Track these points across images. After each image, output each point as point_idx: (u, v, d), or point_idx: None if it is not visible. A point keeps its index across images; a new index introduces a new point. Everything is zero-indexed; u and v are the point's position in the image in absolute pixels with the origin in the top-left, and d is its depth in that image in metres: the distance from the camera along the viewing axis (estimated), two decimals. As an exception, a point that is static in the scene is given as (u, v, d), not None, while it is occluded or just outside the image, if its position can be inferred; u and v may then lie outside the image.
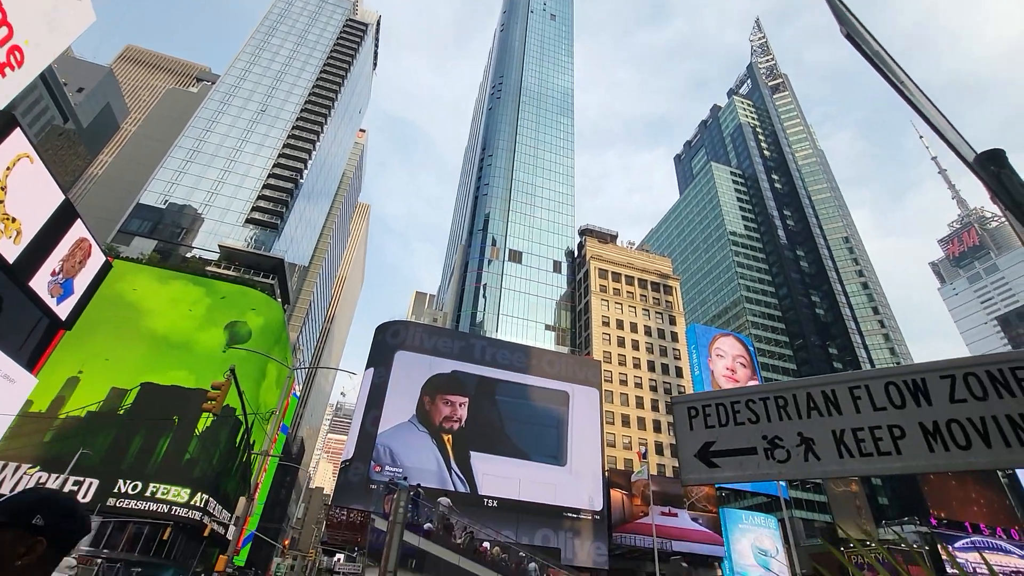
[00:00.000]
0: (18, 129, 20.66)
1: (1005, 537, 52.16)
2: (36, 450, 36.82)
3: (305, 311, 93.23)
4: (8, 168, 20.34)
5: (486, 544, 23.75)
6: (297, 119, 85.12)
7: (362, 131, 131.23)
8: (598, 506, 43.47)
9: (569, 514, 42.24)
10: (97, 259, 28.40)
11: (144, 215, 67.44)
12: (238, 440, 44.74)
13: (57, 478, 34.40)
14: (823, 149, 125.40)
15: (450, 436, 42.40)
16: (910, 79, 1.97)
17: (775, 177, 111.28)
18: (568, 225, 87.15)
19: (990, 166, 1.75)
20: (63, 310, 26.15)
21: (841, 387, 1.75)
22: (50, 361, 37.35)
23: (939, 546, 42.52)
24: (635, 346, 65.37)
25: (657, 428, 59.07)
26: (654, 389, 62.00)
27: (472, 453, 42.24)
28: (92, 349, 41.34)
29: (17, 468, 35.78)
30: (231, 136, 78.93)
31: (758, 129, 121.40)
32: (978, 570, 44.01)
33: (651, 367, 64.08)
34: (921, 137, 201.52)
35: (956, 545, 48.25)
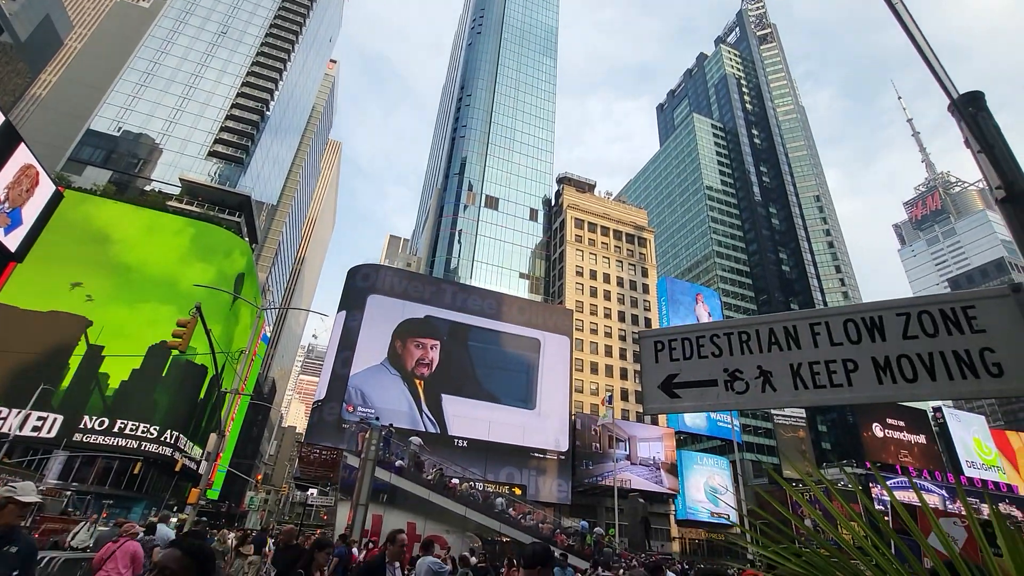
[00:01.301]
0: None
1: (929, 478, 57.47)
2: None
3: (274, 251, 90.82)
4: (-64, 82, 18.53)
5: (455, 480, 24.79)
6: (262, 44, 79.33)
7: (333, 62, 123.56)
8: (564, 447, 45.63)
9: (536, 454, 44.27)
10: (47, 188, 26.70)
11: (96, 143, 63.13)
12: (207, 379, 44.56)
13: (18, 413, 33.80)
14: (804, 106, 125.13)
15: (421, 380, 43.16)
16: (907, 11, 1.92)
17: (755, 132, 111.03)
18: (546, 172, 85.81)
19: (969, 107, 1.75)
20: (12, 241, 24.76)
21: (802, 323, 1.80)
22: (29, 293, 35.76)
23: (872, 484, 46.65)
24: (607, 296, 66.59)
25: (624, 376, 61.37)
26: (623, 339, 63.87)
27: (443, 396, 43.26)
28: (61, 280, 39.69)
29: (-25, 402, 34.98)
30: (189, 60, 73.28)
31: (742, 81, 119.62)
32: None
33: (621, 317, 65.68)
34: (900, 98, 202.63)
35: (889, 483, 52.97)
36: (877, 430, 59.45)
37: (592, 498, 48.37)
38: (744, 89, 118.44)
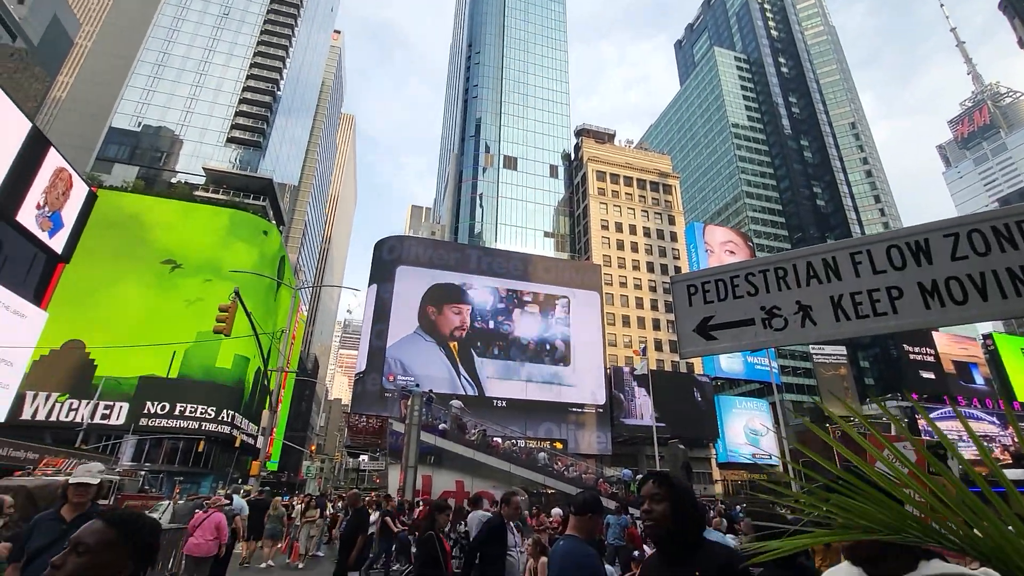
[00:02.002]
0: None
1: (980, 407, 56.01)
2: (64, 379, 38.50)
3: (301, 232, 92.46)
4: (-36, 95, 19.07)
5: (497, 439, 25.58)
6: (264, 22, 78.26)
7: (336, 32, 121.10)
8: (601, 400, 46.31)
9: (574, 409, 45.13)
10: (80, 189, 27.67)
11: (119, 140, 64.52)
12: (256, 359, 46.61)
13: (87, 404, 36.34)
14: (835, 26, 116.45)
15: (456, 344, 44.05)
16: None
17: (782, 60, 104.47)
18: (564, 126, 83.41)
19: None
20: (57, 243, 25.98)
21: (842, 253, 1.74)
22: (78, 292, 37.66)
23: (918, 418, 45.81)
24: (634, 248, 65.61)
25: (656, 326, 61.09)
26: (653, 290, 63.23)
27: (479, 359, 44.17)
28: (103, 277, 41.64)
29: (48, 397, 37.73)
30: (196, 45, 73.09)
31: (766, 5, 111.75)
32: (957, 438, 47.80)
33: (651, 268, 64.83)
34: (942, 4, 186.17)
35: (933, 416, 51.95)
36: (920, 363, 57.94)
37: (632, 447, 49.30)
38: (768, 14, 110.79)
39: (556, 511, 11.17)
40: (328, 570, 11.39)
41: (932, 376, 57.19)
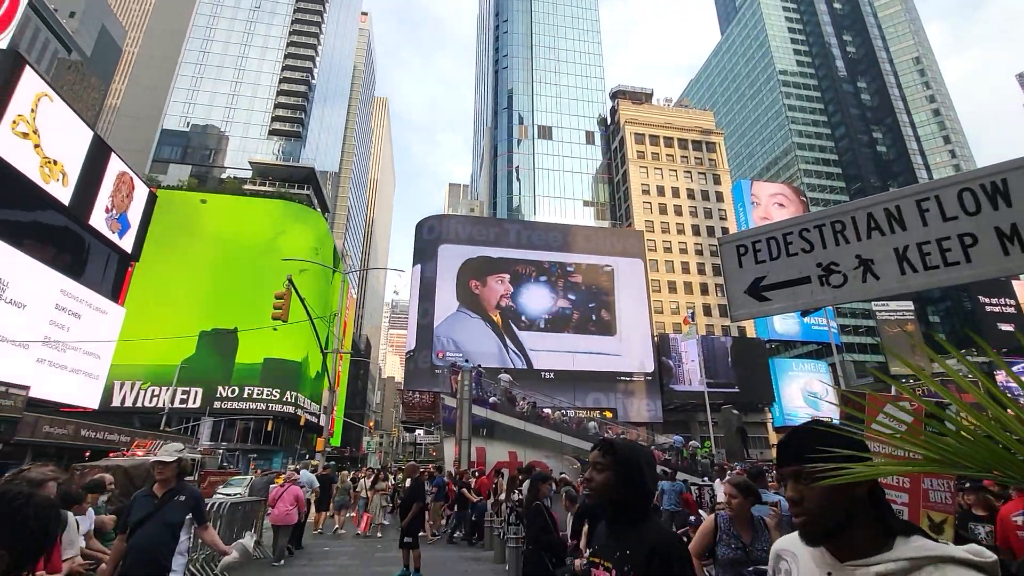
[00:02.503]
0: (28, 67, 20.38)
1: (1069, 358, 51.61)
2: (144, 370, 41.78)
3: (345, 217, 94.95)
4: (32, 110, 20.48)
5: (547, 410, 25.92)
6: (294, 11, 79.16)
7: (364, 15, 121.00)
8: (650, 368, 45.87)
9: (622, 378, 44.95)
10: (141, 191, 29.35)
11: (171, 141, 67.75)
12: (313, 342, 48.92)
13: (168, 389, 39.39)
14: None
15: (500, 317, 44.50)
16: None
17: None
18: (598, 90, 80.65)
19: None
20: (127, 243, 27.81)
21: (907, 201, 1.61)
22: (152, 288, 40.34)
23: (996, 372, 42.74)
24: (678, 211, 63.48)
25: (704, 291, 59.40)
26: (700, 253, 61.26)
27: (525, 332, 44.51)
28: (164, 276, 44.50)
29: (133, 384, 41.14)
30: (232, 42, 75.02)
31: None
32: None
33: (696, 231, 62.68)
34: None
35: (1014, 369, 48.36)
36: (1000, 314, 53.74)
37: (684, 414, 48.78)
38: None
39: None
40: (395, 536, 12.07)
41: (1012, 328, 53.03)
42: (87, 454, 19.55)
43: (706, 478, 18.23)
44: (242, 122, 70.63)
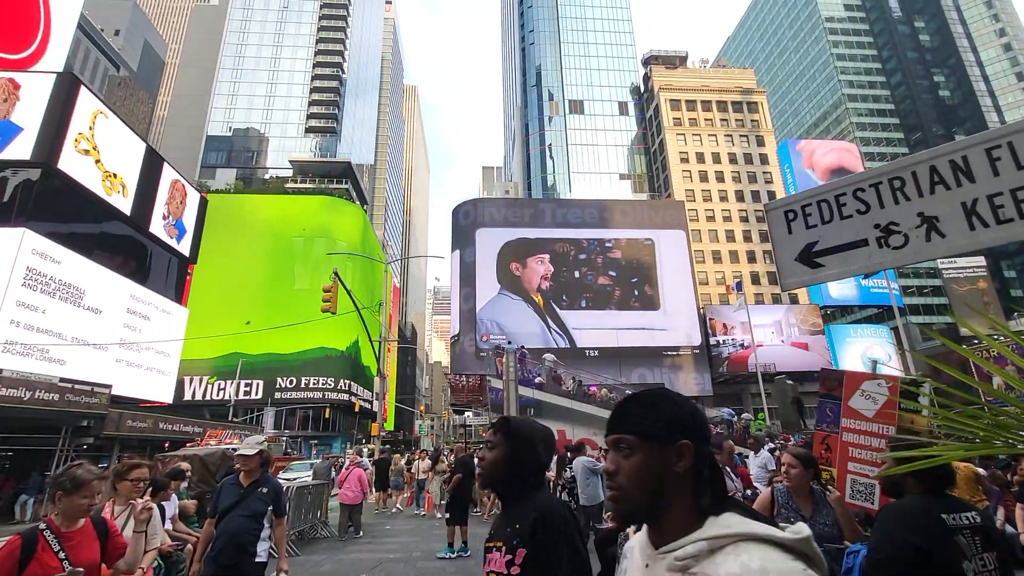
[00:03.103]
0: (83, 88, 21.61)
1: None
2: (210, 365, 44.44)
3: (383, 207, 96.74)
4: (90, 128, 21.77)
5: (593, 387, 25.89)
6: (321, 7, 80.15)
7: (388, 3, 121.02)
8: (696, 341, 44.87)
9: (668, 352, 44.22)
10: (193, 197, 30.85)
11: (216, 146, 70.66)
12: (361, 334, 50.61)
13: (231, 383, 41.85)
14: None
15: (540, 298, 44.50)
16: None
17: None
18: (629, 58, 77.89)
19: None
20: (184, 247, 29.41)
21: (975, 150, 1.48)
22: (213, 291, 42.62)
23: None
24: (720, 178, 61.00)
25: (752, 259, 57.22)
26: (745, 220, 58.86)
27: (566, 311, 44.38)
28: (235, 274, 46.92)
29: (201, 379, 43.92)
30: (265, 44, 76.92)
31: None
32: None
33: (740, 197, 60.16)
34: None
35: (1105, 325, 44.29)
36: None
37: (734, 386, 47.63)
38: None
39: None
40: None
41: (1102, 279, 48.51)
42: (166, 445, 21.14)
43: (763, 449, 17.77)
44: (280, 122, 72.73)
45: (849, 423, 2.91)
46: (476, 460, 10.16)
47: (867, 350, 50.03)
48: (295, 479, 13.41)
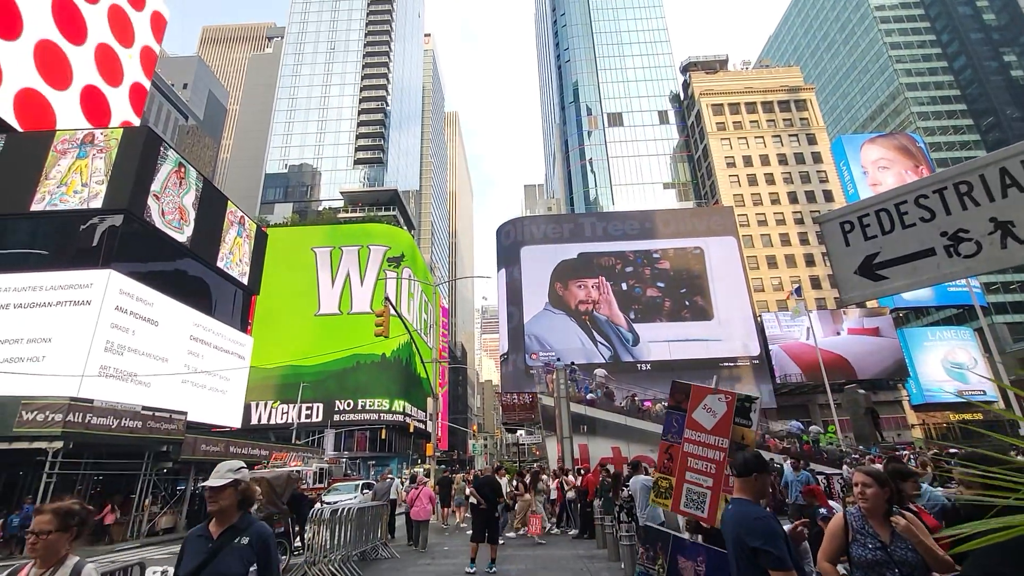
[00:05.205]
0: (161, 144, 23.56)
1: None
2: (273, 391, 46.59)
3: (430, 231, 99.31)
4: (165, 178, 23.61)
5: (648, 403, 25.18)
6: (364, 45, 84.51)
7: (427, 36, 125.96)
8: (754, 351, 42.91)
9: (725, 363, 42.49)
10: (253, 232, 32.74)
11: (274, 183, 75.21)
12: (413, 356, 51.73)
13: (293, 407, 43.64)
14: None
15: (587, 316, 44.00)
16: None
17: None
18: (667, 66, 77.13)
19: None
20: (247, 279, 31.18)
21: (1050, 149, 1.39)
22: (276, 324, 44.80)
23: None
24: (770, 180, 58.75)
25: (810, 262, 54.40)
26: (799, 222, 56.21)
27: (615, 325, 43.62)
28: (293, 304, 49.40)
29: (266, 404, 46.06)
30: (315, 84, 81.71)
31: None
32: None
33: (793, 198, 57.60)
34: None
35: None
36: None
37: (801, 397, 45.04)
38: None
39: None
40: (557, 540, 12.51)
41: None
42: (236, 468, 22.17)
43: (845, 466, 16.73)
44: (331, 156, 76.66)
45: (690, 434, 2.99)
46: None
47: (948, 354, 46.19)
48: (334, 503, 13.74)
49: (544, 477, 16.44)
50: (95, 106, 28.43)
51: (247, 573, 2.49)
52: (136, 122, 31.09)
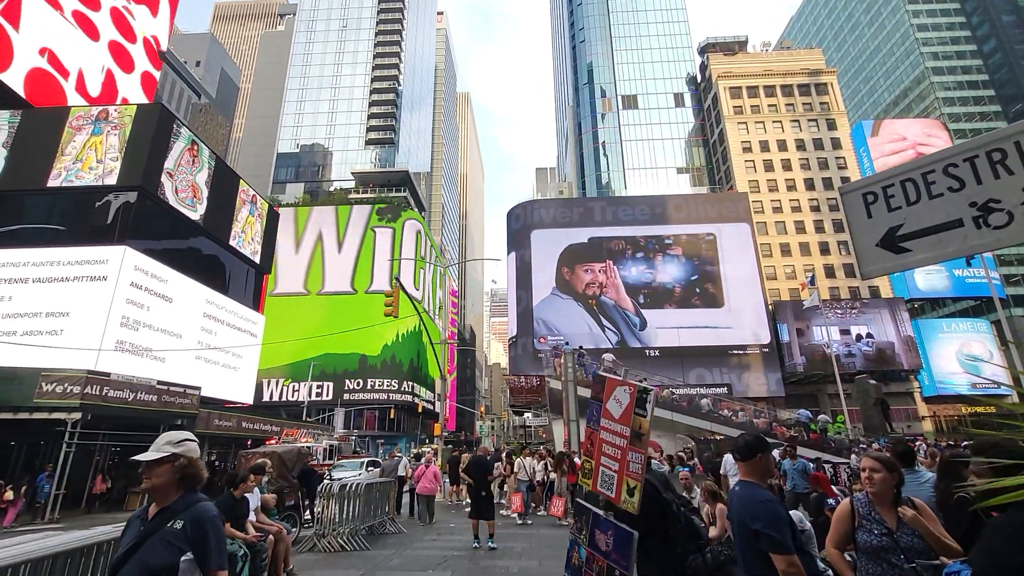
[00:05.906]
0: (175, 121, 23.59)
1: None
2: (284, 368, 47.27)
3: (440, 214, 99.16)
4: (179, 155, 23.68)
5: (655, 388, 25.20)
6: (377, 23, 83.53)
7: (440, 14, 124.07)
8: (765, 339, 42.59)
9: (735, 351, 42.25)
10: (266, 211, 32.86)
11: (286, 163, 75.29)
12: (422, 337, 52.09)
13: (304, 384, 44.29)
14: None
15: (594, 299, 43.86)
16: None
17: None
18: (684, 47, 75.35)
19: None
20: (257, 258, 31.38)
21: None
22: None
23: None
24: (786, 166, 57.60)
25: (824, 250, 53.57)
26: (816, 209, 55.22)
27: (622, 310, 43.47)
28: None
29: (277, 381, 46.79)
30: (327, 63, 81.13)
31: None
32: None
33: (810, 185, 56.50)
34: None
35: None
36: None
37: (810, 386, 44.75)
38: None
39: (728, 457, 10.73)
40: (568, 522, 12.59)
41: None
42: (248, 443, 22.70)
43: (853, 455, 16.67)
44: (342, 136, 76.44)
45: (605, 423, 3.35)
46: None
47: (964, 347, 45.49)
48: (341, 479, 13.97)
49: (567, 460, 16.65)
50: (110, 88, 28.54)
51: (178, 562, 2.07)
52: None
